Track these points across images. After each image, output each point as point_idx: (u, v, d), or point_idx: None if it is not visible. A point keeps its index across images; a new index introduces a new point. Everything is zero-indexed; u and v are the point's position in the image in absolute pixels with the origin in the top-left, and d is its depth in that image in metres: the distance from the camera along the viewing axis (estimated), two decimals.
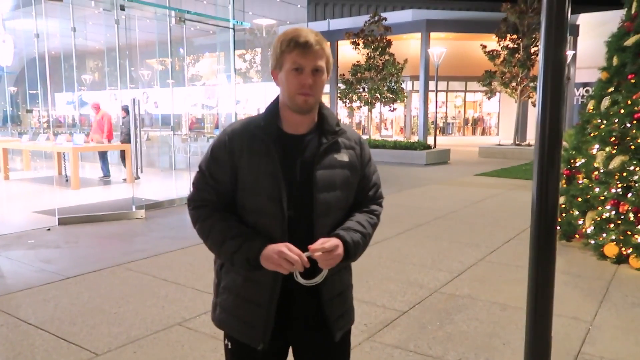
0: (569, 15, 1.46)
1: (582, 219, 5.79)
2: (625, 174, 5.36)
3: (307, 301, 1.64)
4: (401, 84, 21.01)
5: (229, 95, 11.72)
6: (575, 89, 24.11)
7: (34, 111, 20.81)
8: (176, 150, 10.83)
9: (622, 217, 5.27)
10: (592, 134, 5.96)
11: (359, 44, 20.47)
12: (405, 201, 8.84)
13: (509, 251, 5.66)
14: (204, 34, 13.17)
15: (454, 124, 31.10)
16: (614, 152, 5.55)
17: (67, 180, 10.37)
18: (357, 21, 24.70)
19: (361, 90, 20.90)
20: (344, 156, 1.65)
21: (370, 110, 21.58)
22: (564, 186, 6.12)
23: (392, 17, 23.10)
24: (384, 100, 20.67)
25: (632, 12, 5.91)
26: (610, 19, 18.84)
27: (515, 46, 19.52)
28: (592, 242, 5.46)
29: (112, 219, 7.08)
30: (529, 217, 1.56)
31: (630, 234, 5.10)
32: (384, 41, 20.23)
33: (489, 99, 22.91)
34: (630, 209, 5.18)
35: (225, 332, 1.72)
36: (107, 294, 4.23)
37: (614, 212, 5.35)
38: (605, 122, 5.82)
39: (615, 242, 5.18)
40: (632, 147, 5.42)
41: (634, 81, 5.65)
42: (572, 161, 6.16)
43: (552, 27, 1.46)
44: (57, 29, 11.18)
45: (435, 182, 11.46)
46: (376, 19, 20.43)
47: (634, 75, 5.67)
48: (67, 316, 3.77)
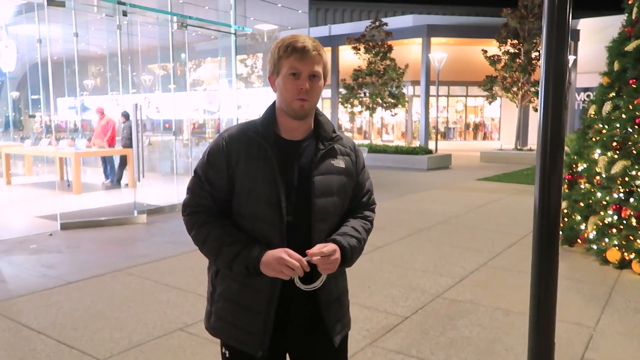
0: (570, 20, 1.47)
1: (584, 224, 5.78)
2: (627, 179, 5.36)
3: (304, 307, 1.64)
4: (402, 88, 21.05)
5: (231, 100, 11.76)
6: (576, 93, 24.08)
7: (36, 116, 20.88)
8: (177, 155, 10.84)
9: (625, 222, 5.26)
10: (594, 139, 5.96)
11: (360, 49, 20.54)
12: (406, 206, 8.84)
13: (511, 256, 5.65)
14: (205, 39, 13.23)
15: (455, 128, 31.10)
16: (616, 157, 5.55)
17: (68, 185, 10.38)
18: (358, 26, 24.74)
19: (362, 95, 20.95)
20: (340, 162, 1.66)
21: (371, 115, 21.61)
22: (566, 191, 6.12)
23: (393, 23, 23.17)
24: (385, 105, 20.70)
25: (633, 17, 5.92)
26: (611, 24, 18.90)
27: (516, 51, 19.57)
28: (595, 247, 5.45)
29: (113, 224, 7.09)
30: (531, 222, 1.56)
31: (632, 239, 5.09)
32: (385, 46, 20.30)
33: (490, 103, 22.94)
34: (632, 214, 5.17)
35: (222, 341, 1.70)
36: (109, 299, 4.23)
37: (616, 217, 5.34)
38: (606, 127, 5.82)
39: (617, 247, 5.17)
40: (634, 151, 5.42)
41: (635, 86, 5.65)
42: (574, 166, 6.16)
43: (554, 32, 1.46)
44: (60, 35, 11.24)
45: (436, 187, 11.45)
46: (377, 24, 20.50)
47: (635, 80, 5.67)
48: (69, 321, 3.76)
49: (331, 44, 26.38)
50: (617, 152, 5.57)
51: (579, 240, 5.88)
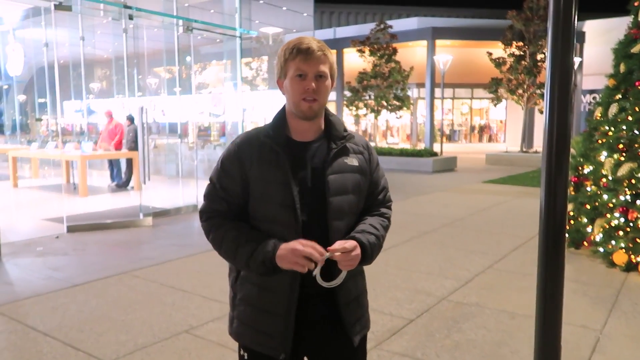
0: (576, 22, 1.46)
1: (590, 227, 5.75)
2: (633, 181, 5.33)
3: (323, 307, 1.64)
4: (407, 91, 21.03)
5: (236, 103, 11.78)
6: (582, 95, 23.96)
7: (43, 119, 21.01)
8: (183, 158, 10.87)
9: (631, 224, 5.23)
10: (600, 141, 5.93)
11: (365, 52, 20.55)
12: (411, 208, 8.82)
13: (516, 259, 5.63)
14: (211, 42, 13.26)
15: (461, 131, 31.06)
16: (622, 159, 5.52)
17: (75, 187, 10.44)
18: (363, 29, 24.79)
19: (367, 97, 20.95)
20: (353, 161, 1.67)
21: (376, 117, 21.60)
22: (572, 193, 6.09)
23: (397, 25, 23.19)
24: (390, 107, 20.68)
25: (639, 19, 5.90)
26: (616, 25, 18.82)
27: (521, 53, 19.50)
28: (601, 249, 5.42)
29: (119, 227, 7.12)
30: (536, 225, 1.55)
31: (639, 241, 5.06)
32: (390, 49, 20.29)
33: (495, 106, 22.88)
34: (639, 216, 5.14)
35: (240, 344, 1.71)
36: (115, 302, 4.25)
37: (622, 220, 5.31)
38: (612, 129, 5.80)
39: (624, 250, 5.14)
40: None
41: None
42: (580, 168, 6.13)
43: (559, 34, 1.46)
44: (66, 39, 11.29)
45: (442, 190, 11.43)
46: (382, 26, 20.51)
47: None
48: (75, 323, 3.78)
49: (336, 47, 26.42)
50: (624, 154, 5.54)
51: (586, 242, 5.86)
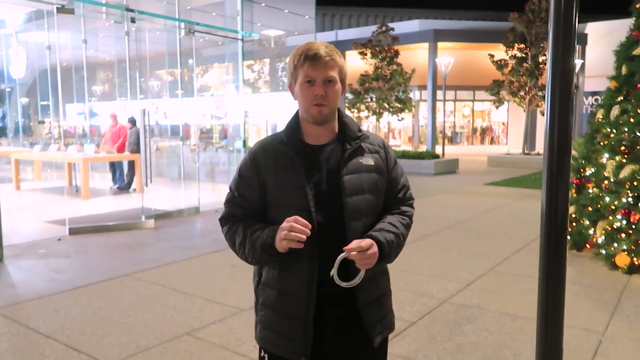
0: (577, 24, 1.47)
1: (592, 229, 5.74)
2: (635, 183, 5.32)
3: (343, 308, 1.65)
4: (409, 93, 21.04)
5: (238, 105, 11.80)
6: (584, 97, 24.02)
7: (45, 122, 21.05)
8: (185, 160, 10.89)
9: (634, 226, 5.22)
10: (602, 143, 5.92)
11: (366, 54, 20.57)
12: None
13: (518, 261, 5.62)
14: (213, 45, 13.28)
15: (462, 133, 31.02)
16: (624, 161, 5.51)
17: (77, 190, 10.46)
18: (365, 31, 24.80)
19: (369, 100, 20.96)
20: (369, 160, 1.67)
21: (378, 119, 21.61)
22: (574, 195, 6.08)
23: (399, 28, 23.18)
24: (391, 109, 20.69)
25: None
26: (618, 27, 18.79)
27: (523, 55, 19.50)
28: (603, 252, 5.41)
29: (121, 229, 7.13)
30: (538, 227, 1.55)
31: None
32: (392, 51, 20.30)
33: (497, 108, 22.87)
34: None
35: (261, 346, 1.73)
36: (117, 304, 4.25)
37: (625, 222, 5.30)
38: (614, 131, 5.79)
39: (626, 252, 5.13)
40: None
41: None
42: (582, 170, 6.12)
43: (560, 36, 1.46)
44: (69, 41, 11.33)
45: (443, 192, 11.42)
46: (384, 29, 20.52)
47: None
48: (77, 326, 3.79)
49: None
50: (625, 156, 5.53)
51: (588, 245, 5.85)
